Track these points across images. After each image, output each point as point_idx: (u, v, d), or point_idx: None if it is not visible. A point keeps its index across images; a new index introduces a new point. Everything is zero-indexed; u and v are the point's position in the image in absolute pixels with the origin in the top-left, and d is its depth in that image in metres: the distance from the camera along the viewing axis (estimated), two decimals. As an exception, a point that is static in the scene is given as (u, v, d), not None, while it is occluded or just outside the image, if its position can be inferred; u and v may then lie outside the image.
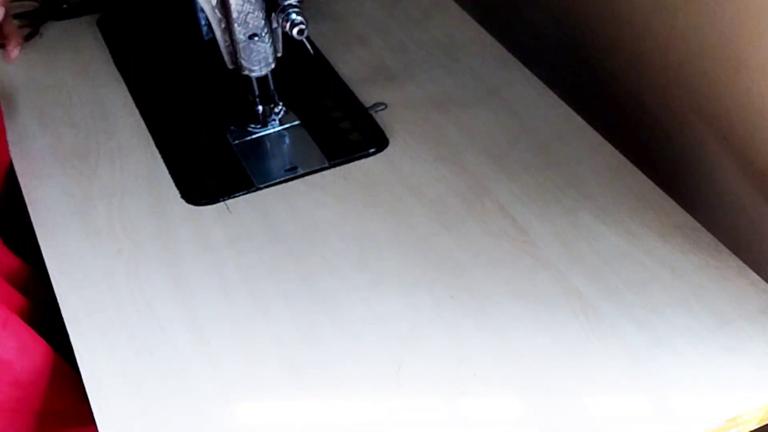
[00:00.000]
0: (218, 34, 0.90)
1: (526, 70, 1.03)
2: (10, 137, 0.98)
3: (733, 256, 0.79)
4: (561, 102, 0.98)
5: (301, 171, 0.92)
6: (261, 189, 0.91)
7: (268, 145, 0.97)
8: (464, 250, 0.82)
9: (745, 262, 0.78)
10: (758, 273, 0.77)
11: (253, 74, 0.92)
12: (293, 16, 0.87)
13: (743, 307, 0.75)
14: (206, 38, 1.09)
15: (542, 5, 1.07)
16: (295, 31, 0.87)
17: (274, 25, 0.89)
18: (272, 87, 0.95)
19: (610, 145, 0.92)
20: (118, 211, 0.88)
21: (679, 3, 0.84)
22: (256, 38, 0.89)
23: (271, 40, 0.90)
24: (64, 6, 1.17)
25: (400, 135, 0.95)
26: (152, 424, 0.70)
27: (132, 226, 0.86)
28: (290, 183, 0.91)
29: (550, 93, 1.00)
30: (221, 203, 0.89)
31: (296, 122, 0.98)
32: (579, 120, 0.96)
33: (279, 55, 0.93)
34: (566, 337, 0.73)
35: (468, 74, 1.04)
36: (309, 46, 0.89)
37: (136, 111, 1.01)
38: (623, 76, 0.97)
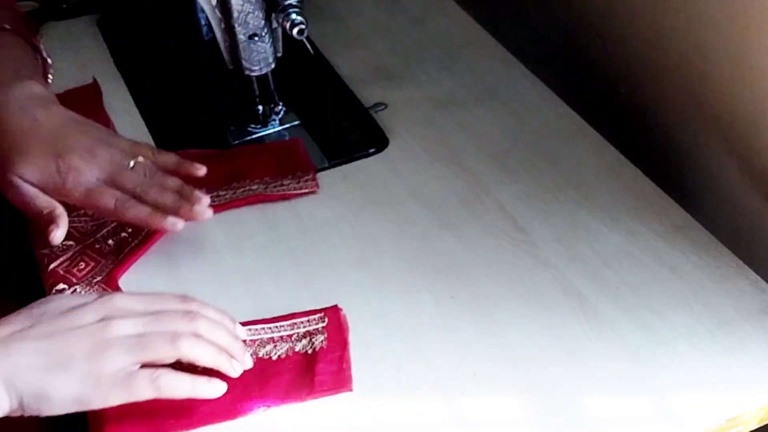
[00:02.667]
0: (218, 34, 0.90)
1: (526, 70, 1.03)
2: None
3: (733, 256, 0.79)
4: (561, 102, 0.98)
5: (301, 171, 0.92)
6: (261, 189, 0.91)
7: (268, 145, 0.97)
8: (464, 250, 0.82)
9: (745, 262, 0.78)
10: (758, 273, 0.77)
11: (253, 74, 0.92)
12: (293, 16, 0.87)
13: (743, 306, 0.75)
14: (206, 38, 1.10)
15: (542, 5, 1.07)
16: (295, 31, 0.87)
17: (274, 25, 0.89)
18: (272, 87, 0.95)
19: (610, 145, 0.92)
20: (118, 211, 0.88)
21: (679, 3, 0.84)
22: (256, 38, 0.89)
23: (271, 40, 0.90)
24: (64, 6, 1.17)
25: (400, 135, 0.95)
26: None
27: (132, 226, 0.86)
28: (290, 183, 0.91)
29: (550, 93, 1.00)
30: (221, 203, 0.89)
31: (296, 122, 0.98)
32: (579, 120, 0.96)
33: (279, 55, 0.93)
34: (566, 337, 0.73)
35: (468, 74, 1.04)
36: (309, 46, 0.89)
37: (136, 111, 1.01)
38: (623, 76, 0.97)
